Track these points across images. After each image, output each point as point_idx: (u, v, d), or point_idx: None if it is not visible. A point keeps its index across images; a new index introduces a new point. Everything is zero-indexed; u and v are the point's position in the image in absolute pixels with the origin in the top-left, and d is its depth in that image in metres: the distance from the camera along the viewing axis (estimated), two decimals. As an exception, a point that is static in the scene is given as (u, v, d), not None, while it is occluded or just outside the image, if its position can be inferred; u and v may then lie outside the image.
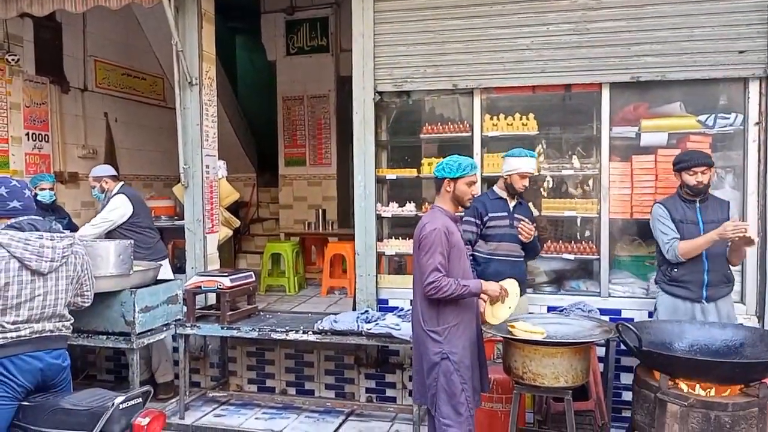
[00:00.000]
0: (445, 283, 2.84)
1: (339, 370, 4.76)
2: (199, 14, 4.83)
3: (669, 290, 3.59)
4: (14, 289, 2.69)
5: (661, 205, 3.63)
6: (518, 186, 3.83)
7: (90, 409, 2.73)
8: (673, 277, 3.56)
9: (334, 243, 6.81)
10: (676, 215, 3.56)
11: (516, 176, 3.82)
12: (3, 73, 5.59)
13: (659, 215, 3.60)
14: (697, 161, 3.51)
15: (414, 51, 4.47)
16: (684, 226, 3.53)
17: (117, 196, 4.72)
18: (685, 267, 3.51)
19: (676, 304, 3.55)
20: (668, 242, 3.51)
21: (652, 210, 3.69)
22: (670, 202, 3.65)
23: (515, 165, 3.82)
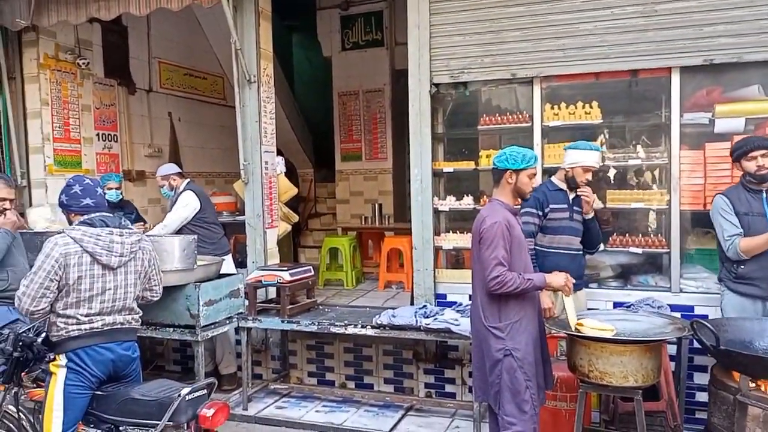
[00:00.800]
0: (510, 278, 2.77)
1: (398, 365, 4.75)
2: (256, 13, 4.90)
3: (735, 288, 3.38)
4: (87, 282, 2.82)
5: (723, 197, 3.42)
6: (581, 180, 3.68)
7: (158, 399, 2.82)
8: (739, 275, 3.35)
9: (390, 237, 6.81)
10: (740, 207, 3.35)
11: (579, 169, 3.67)
12: (75, 77, 5.87)
13: (721, 207, 3.39)
14: (754, 144, 3.31)
15: (470, 41, 4.38)
16: (749, 219, 3.32)
17: (185, 193, 4.88)
18: (753, 263, 3.30)
19: (743, 304, 3.35)
20: (729, 239, 3.31)
21: (714, 201, 3.49)
22: (733, 192, 3.43)
23: (578, 158, 3.67)
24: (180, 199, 4.84)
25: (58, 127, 5.67)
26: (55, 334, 2.84)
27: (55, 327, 2.83)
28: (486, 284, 2.81)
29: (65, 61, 5.75)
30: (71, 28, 5.73)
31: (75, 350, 2.82)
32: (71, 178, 3.08)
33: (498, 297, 2.84)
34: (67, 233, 2.83)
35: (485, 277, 2.80)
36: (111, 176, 5.42)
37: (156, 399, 2.83)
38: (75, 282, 2.79)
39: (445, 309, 4.21)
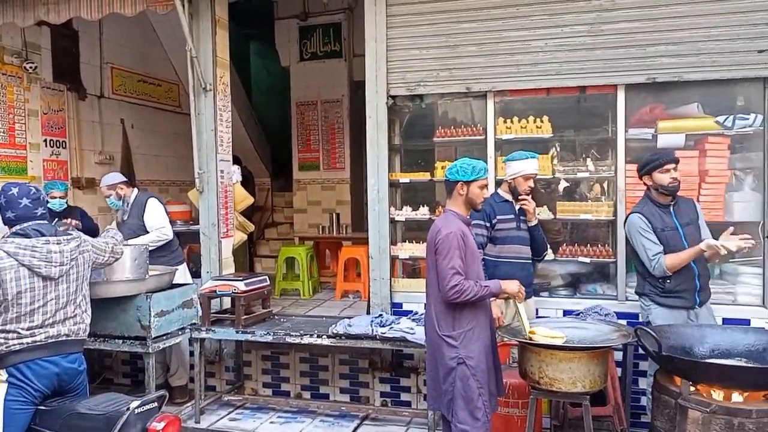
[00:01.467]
0: (467, 286, 2.82)
1: (353, 374, 4.75)
2: (213, 20, 4.86)
3: (663, 302, 3.50)
4: (27, 296, 2.71)
5: (640, 215, 3.51)
6: (523, 188, 3.81)
7: (106, 413, 2.74)
8: (666, 289, 3.48)
9: (348, 247, 6.81)
10: (656, 224, 3.48)
11: (520, 179, 3.81)
12: (21, 81, 5.67)
13: (639, 226, 3.48)
14: (668, 158, 3.48)
15: (427, 54, 4.46)
16: (666, 234, 3.46)
17: (152, 201, 4.76)
18: (677, 277, 3.44)
19: (672, 315, 3.48)
20: (654, 257, 3.42)
21: (629, 220, 3.57)
22: (646, 209, 3.54)
23: (518, 168, 3.81)
24: (151, 207, 4.71)
25: (2, 132, 5.46)
26: (-5, 349, 2.72)
27: (-5, 342, 2.72)
28: (444, 293, 2.84)
29: (11, 65, 5.56)
30: (18, 31, 5.54)
31: (17, 365, 2.72)
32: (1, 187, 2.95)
33: (453, 306, 2.89)
34: (0, 247, 2.72)
35: (443, 287, 2.84)
36: (55, 184, 5.12)
37: (103, 413, 2.75)
38: (14, 297, 2.68)
39: (401, 318, 4.24)
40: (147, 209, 4.71)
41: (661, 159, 3.48)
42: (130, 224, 4.72)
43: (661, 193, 3.52)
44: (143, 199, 4.79)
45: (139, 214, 4.72)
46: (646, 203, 3.59)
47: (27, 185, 2.98)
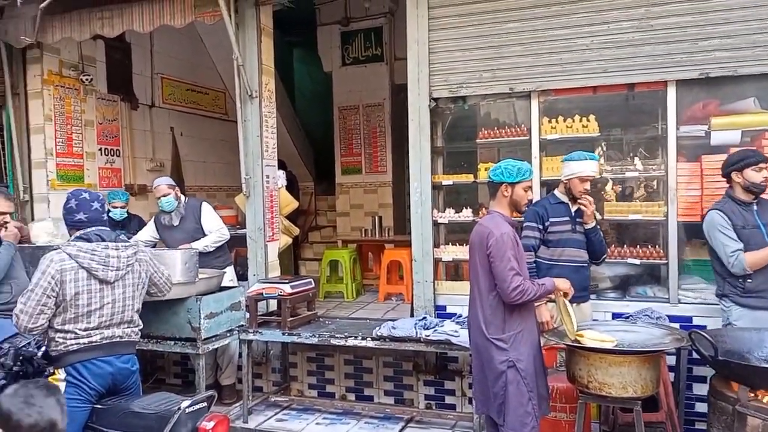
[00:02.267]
0: (528, 286, 2.79)
1: (398, 377, 4.75)
2: (258, 29, 4.97)
3: (745, 303, 3.36)
4: (84, 297, 2.83)
5: (720, 213, 3.41)
6: (578, 190, 3.70)
7: (158, 412, 2.83)
8: (747, 289, 3.34)
9: (390, 249, 6.83)
10: (736, 221, 3.36)
11: (576, 180, 3.69)
12: (78, 93, 5.94)
13: (719, 224, 3.37)
14: (761, 156, 3.36)
15: (469, 56, 4.44)
16: (747, 232, 3.33)
17: (205, 204, 4.92)
18: (759, 276, 3.30)
19: (754, 316, 3.33)
20: (733, 254, 3.31)
21: (708, 217, 3.47)
22: (726, 207, 3.43)
23: (575, 168, 3.70)
24: (206, 210, 4.87)
25: (61, 142, 5.73)
26: (54, 348, 2.84)
27: (54, 342, 2.84)
28: (506, 295, 2.80)
29: (69, 77, 5.83)
30: (75, 45, 5.81)
31: (74, 364, 2.83)
32: (70, 192, 3.08)
33: (502, 308, 2.86)
34: (63, 249, 2.85)
35: (505, 289, 2.80)
36: (117, 194, 5.36)
37: (156, 412, 2.83)
38: (72, 298, 2.80)
39: (445, 320, 4.22)
40: (203, 212, 4.84)
41: (756, 157, 3.38)
42: (186, 228, 4.83)
43: (746, 190, 3.40)
44: (196, 203, 4.93)
45: (195, 218, 4.83)
46: (726, 201, 3.49)
47: (94, 192, 3.13)
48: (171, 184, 4.91)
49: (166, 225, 4.90)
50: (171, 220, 4.87)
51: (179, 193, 4.94)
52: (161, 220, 4.93)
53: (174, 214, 4.86)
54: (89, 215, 2.97)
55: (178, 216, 4.85)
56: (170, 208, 4.84)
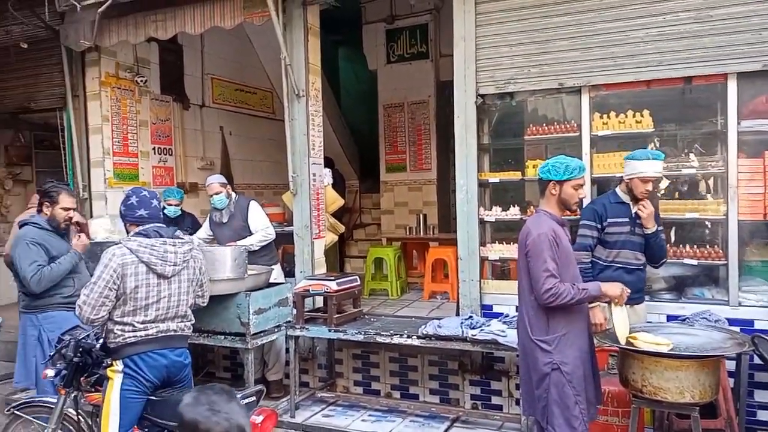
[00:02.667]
0: (563, 289, 2.72)
1: (443, 376, 4.72)
2: (305, 29, 5.02)
3: None
4: (143, 291, 2.93)
5: None
6: (639, 191, 3.52)
7: (210, 405, 2.90)
8: None
9: (435, 248, 6.80)
10: None
11: (637, 180, 3.52)
12: (133, 94, 6.15)
13: None
14: None
15: (517, 51, 4.36)
16: None
17: (253, 203, 5.01)
18: None
19: None
20: None
21: None
22: None
23: (637, 168, 3.51)
24: (254, 209, 4.96)
25: (118, 142, 5.94)
26: (113, 340, 2.95)
27: (113, 334, 2.94)
28: (539, 297, 2.76)
29: (125, 79, 6.04)
30: (131, 48, 6.01)
31: (131, 356, 2.93)
32: (130, 189, 3.21)
33: (546, 309, 2.80)
34: (124, 244, 2.95)
35: (537, 290, 2.75)
36: (172, 192, 5.51)
37: (208, 404, 2.91)
38: (132, 291, 2.90)
39: (492, 320, 4.17)
40: (250, 211, 4.94)
41: None
42: (234, 226, 4.94)
43: None
44: (245, 202, 5.03)
45: (243, 217, 4.94)
46: None
47: (152, 190, 3.24)
48: (223, 182, 5.03)
49: (216, 222, 5.04)
50: (221, 218, 5.00)
51: (230, 190, 5.06)
52: (213, 217, 5.08)
53: (224, 211, 4.98)
54: (149, 212, 3.08)
55: (228, 213, 4.97)
56: (221, 205, 4.97)
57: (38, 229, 3.84)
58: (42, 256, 3.79)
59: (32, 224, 3.86)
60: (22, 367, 3.95)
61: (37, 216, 3.93)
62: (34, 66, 6.02)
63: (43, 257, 3.80)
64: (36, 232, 3.82)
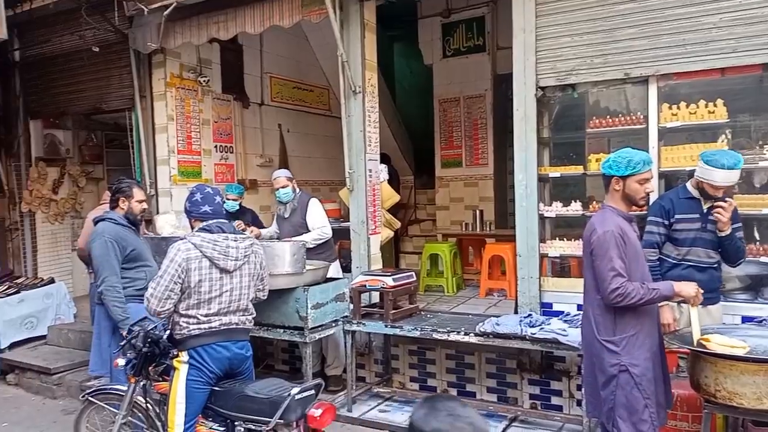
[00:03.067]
0: (632, 289, 2.61)
1: (501, 374, 4.65)
2: (362, 25, 5.04)
3: None
4: (206, 285, 3.01)
5: None
6: (711, 192, 3.33)
7: (270, 397, 2.96)
8: None
9: (492, 244, 6.69)
10: None
11: (707, 185, 3.32)
12: (196, 93, 6.34)
13: None
14: None
15: (579, 41, 4.22)
16: None
17: (313, 201, 5.07)
18: None
19: None
20: None
21: None
22: None
23: (712, 176, 3.28)
24: (313, 207, 5.01)
25: (182, 141, 6.15)
26: (178, 332, 3.05)
27: (178, 326, 3.04)
28: (606, 297, 2.66)
29: (188, 80, 6.24)
30: (194, 49, 6.20)
31: (195, 348, 3.02)
32: (194, 186, 3.31)
33: (613, 309, 2.70)
34: (188, 239, 3.05)
35: (604, 290, 2.66)
36: (232, 187, 5.70)
37: (268, 397, 2.96)
38: (196, 285, 2.99)
39: (552, 318, 4.07)
40: (309, 209, 5.01)
41: None
42: (294, 221, 5.03)
43: None
44: (306, 199, 5.09)
45: (303, 213, 5.02)
46: None
47: (215, 187, 3.34)
48: (289, 176, 5.12)
49: (280, 216, 5.16)
50: (284, 212, 5.09)
51: (296, 186, 5.13)
52: (278, 210, 5.21)
53: (288, 205, 5.07)
54: (213, 208, 3.16)
55: (291, 208, 5.05)
56: (287, 199, 5.05)
57: (114, 225, 4.03)
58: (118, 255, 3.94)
59: (108, 220, 4.05)
60: (97, 356, 4.13)
61: (112, 212, 4.12)
62: (105, 69, 6.30)
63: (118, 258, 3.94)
64: (113, 227, 4.01)
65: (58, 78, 6.72)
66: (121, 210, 4.12)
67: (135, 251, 4.05)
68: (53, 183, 7.27)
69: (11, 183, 7.24)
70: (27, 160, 7.16)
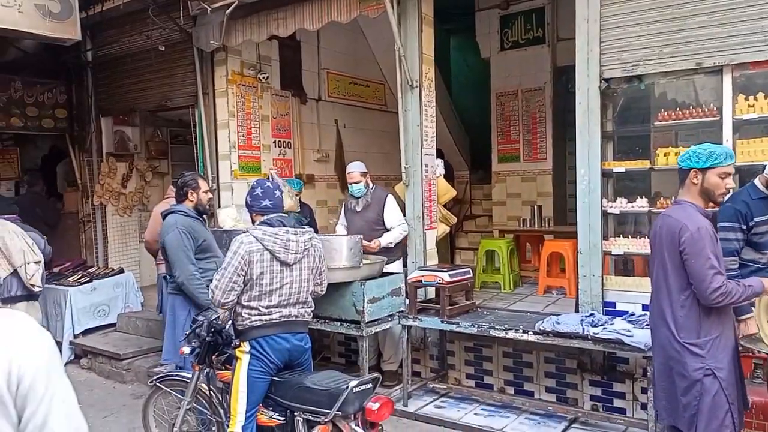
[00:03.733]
0: (732, 287, 2.50)
1: (560, 374, 4.54)
2: (419, 19, 5.00)
3: None
4: (267, 277, 3.08)
5: None
6: None
7: (329, 389, 3.00)
8: None
9: (550, 241, 6.55)
10: None
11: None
12: (256, 90, 6.48)
13: None
14: None
15: (647, 30, 4.04)
16: None
17: (390, 197, 5.04)
18: None
19: None
20: None
21: None
22: None
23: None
24: (391, 203, 5.00)
25: (242, 136, 6.30)
26: (240, 323, 3.14)
27: (240, 317, 3.13)
28: (706, 297, 2.53)
29: (248, 77, 6.38)
30: (254, 46, 6.33)
31: (257, 339, 3.10)
32: (255, 181, 3.39)
33: (699, 310, 2.58)
34: (250, 232, 3.12)
35: (704, 290, 2.52)
36: (292, 183, 5.78)
37: (327, 389, 3.01)
38: (258, 277, 3.06)
39: (615, 318, 3.94)
40: (387, 204, 4.99)
41: None
42: (367, 217, 5.01)
43: None
44: (383, 194, 5.07)
45: (379, 209, 4.99)
46: None
47: (275, 181, 3.41)
48: (363, 171, 5.11)
49: (351, 209, 5.14)
50: (356, 206, 5.09)
51: (369, 180, 5.14)
52: (348, 204, 5.19)
53: (361, 200, 5.06)
54: (273, 202, 3.23)
55: (363, 203, 5.04)
56: (359, 194, 5.06)
57: (185, 217, 4.18)
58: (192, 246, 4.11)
59: (178, 212, 4.20)
60: (170, 344, 4.25)
61: (180, 205, 4.26)
62: (170, 67, 6.53)
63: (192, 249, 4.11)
64: (183, 219, 4.17)
65: (127, 77, 7.02)
66: (190, 202, 4.28)
67: (205, 242, 4.20)
68: (122, 177, 7.62)
69: (84, 177, 7.64)
70: (98, 155, 7.54)
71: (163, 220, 4.24)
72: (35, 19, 5.24)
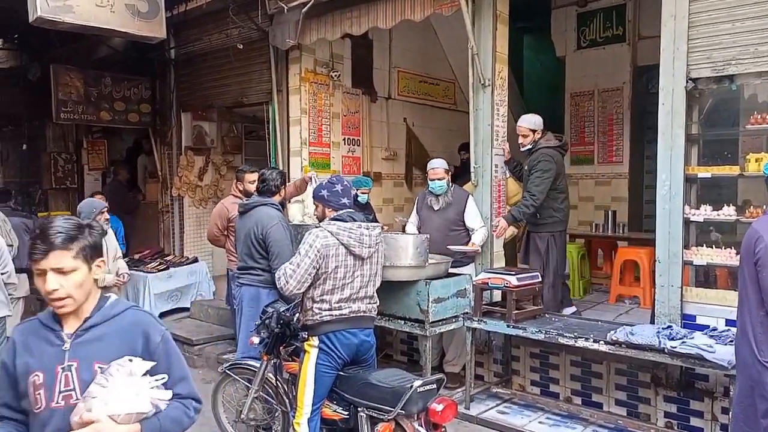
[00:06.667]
0: None
1: (632, 387, 4.34)
2: (494, 17, 4.91)
3: None
4: (341, 271, 3.13)
5: None
6: None
7: (393, 387, 3.00)
8: None
9: (625, 248, 6.29)
10: None
11: None
12: (327, 88, 6.58)
13: None
14: None
15: (741, 27, 3.79)
16: None
17: (471, 198, 4.94)
18: None
19: None
20: None
21: None
22: None
23: None
24: (472, 204, 4.90)
25: (313, 133, 6.41)
26: (310, 318, 3.19)
27: (311, 312, 3.18)
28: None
29: (321, 74, 6.48)
30: (327, 45, 6.43)
31: (327, 333, 3.15)
32: (334, 177, 3.46)
33: None
34: (325, 227, 3.17)
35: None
36: (367, 182, 5.83)
37: (391, 387, 3.01)
38: (332, 270, 3.11)
39: (695, 332, 3.72)
40: (469, 206, 4.89)
41: None
42: (447, 216, 4.92)
43: None
44: (464, 195, 4.97)
45: (459, 209, 4.90)
46: None
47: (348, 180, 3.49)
48: (447, 168, 5.03)
49: (428, 206, 5.03)
50: (434, 203, 4.99)
51: (450, 179, 5.06)
52: (426, 200, 5.06)
53: (441, 198, 4.96)
54: (350, 200, 3.34)
55: (443, 201, 4.94)
56: (441, 191, 4.95)
57: (279, 211, 4.32)
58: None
59: (271, 205, 4.28)
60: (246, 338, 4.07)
61: (269, 199, 4.32)
62: (247, 65, 6.73)
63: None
64: (281, 214, 4.31)
65: (206, 74, 7.30)
66: (279, 197, 4.42)
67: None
68: (199, 171, 7.94)
69: (164, 169, 8.03)
70: (178, 149, 7.89)
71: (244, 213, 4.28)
72: (125, 18, 5.53)
